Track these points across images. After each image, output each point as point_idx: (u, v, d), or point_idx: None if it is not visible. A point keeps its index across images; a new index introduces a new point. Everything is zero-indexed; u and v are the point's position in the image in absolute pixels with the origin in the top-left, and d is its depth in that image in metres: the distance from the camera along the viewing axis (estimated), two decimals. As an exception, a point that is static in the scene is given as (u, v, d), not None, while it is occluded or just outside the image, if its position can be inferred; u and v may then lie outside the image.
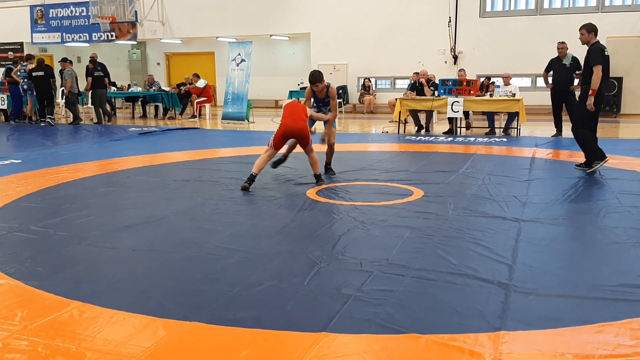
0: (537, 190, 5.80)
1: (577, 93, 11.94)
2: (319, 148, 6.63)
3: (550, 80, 10.55)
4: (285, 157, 6.99)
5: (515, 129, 11.14)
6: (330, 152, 6.93)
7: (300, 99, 11.71)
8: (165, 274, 3.55)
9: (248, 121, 14.60)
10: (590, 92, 6.68)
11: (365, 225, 4.52)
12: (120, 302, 3.07)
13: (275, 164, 6.87)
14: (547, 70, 10.60)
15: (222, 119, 14.89)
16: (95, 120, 14.70)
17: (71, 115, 14.54)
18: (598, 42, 6.92)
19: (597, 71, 6.68)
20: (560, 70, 10.31)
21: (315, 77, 6.56)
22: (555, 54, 10.44)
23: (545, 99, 12.09)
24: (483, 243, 4.04)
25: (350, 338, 2.64)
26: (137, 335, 2.70)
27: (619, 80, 14.75)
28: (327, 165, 6.95)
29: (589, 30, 6.92)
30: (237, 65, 14.96)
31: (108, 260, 3.85)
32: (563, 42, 10.36)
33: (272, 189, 6.10)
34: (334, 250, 3.90)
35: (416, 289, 3.22)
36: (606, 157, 6.74)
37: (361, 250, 3.93)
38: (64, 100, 14.95)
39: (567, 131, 10.66)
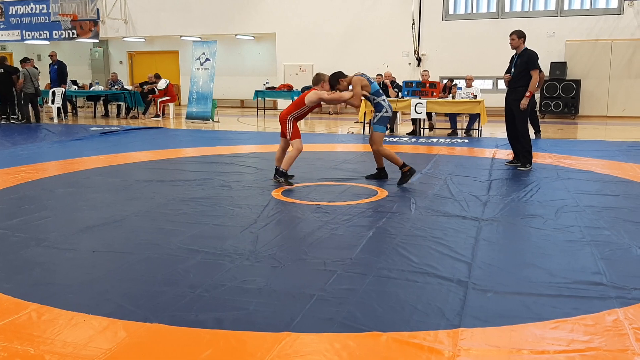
0: (497, 190, 5.92)
1: (537, 94, 12.27)
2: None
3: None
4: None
5: (477, 130, 11.35)
6: (376, 156, 6.54)
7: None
8: (125, 275, 3.51)
9: (213, 121, 14.50)
10: (528, 93, 7.17)
11: (329, 225, 4.54)
12: (79, 304, 3.02)
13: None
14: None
15: (186, 118, 14.75)
16: (55, 119, 14.40)
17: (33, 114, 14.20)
18: (527, 47, 7.30)
19: (536, 75, 7.14)
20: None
21: (313, 79, 6.53)
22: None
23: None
24: (444, 242, 4.12)
25: (312, 337, 2.66)
26: (97, 338, 2.66)
27: (577, 82, 15.17)
28: (377, 169, 6.62)
29: (519, 36, 7.29)
30: (202, 64, 14.84)
31: (67, 262, 3.78)
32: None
33: (236, 189, 6.08)
34: (298, 250, 3.91)
35: (378, 288, 3.26)
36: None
37: (325, 250, 3.95)
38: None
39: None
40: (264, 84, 17.70)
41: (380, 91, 6.34)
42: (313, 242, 4.11)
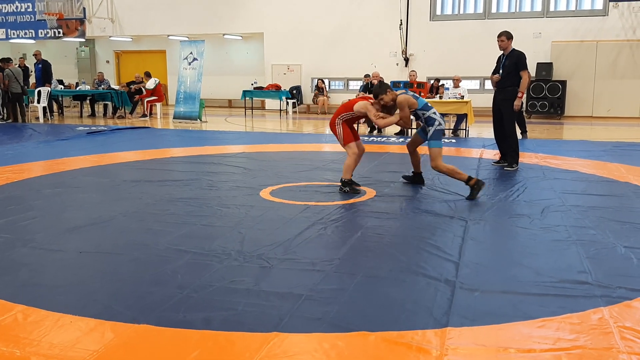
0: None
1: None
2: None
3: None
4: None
5: (464, 130, 11.41)
6: (412, 159, 6.29)
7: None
8: (113, 276, 3.49)
9: (200, 121, 14.45)
10: (520, 94, 7.21)
11: (318, 225, 4.55)
12: (66, 306, 3.00)
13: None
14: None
15: (174, 118, 14.69)
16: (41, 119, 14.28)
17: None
18: (514, 48, 7.34)
19: (525, 75, 7.22)
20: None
21: (375, 89, 5.83)
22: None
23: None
24: (432, 242, 4.14)
25: (301, 337, 2.66)
26: (84, 339, 2.65)
27: (563, 83, 15.30)
28: (413, 173, 6.33)
29: (509, 37, 7.33)
30: (189, 64, 14.79)
31: (54, 263, 3.76)
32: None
33: (224, 189, 6.06)
34: (286, 251, 3.91)
35: (367, 288, 3.27)
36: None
37: (314, 250, 3.96)
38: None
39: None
40: (252, 84, 17.67)
41: (429, 104, 5.86)
42: (301, 242, 4.11)
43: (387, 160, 8.16)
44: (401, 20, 16.80)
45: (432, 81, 14.54)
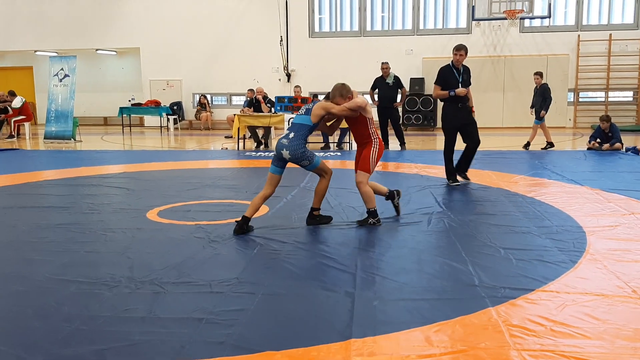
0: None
1: (400, 109, 12.94)
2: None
3: (376, 97, 11.31)
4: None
5: (348, 144, 11.74)
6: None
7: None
8: (-12, 314, 3.17)
9: (74, 140, 13.66)
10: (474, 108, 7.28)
11: (212, 245, 4.44)
12: None
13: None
14: (373, 88, 11.36)
15: (45, 138, 13.76)
16: None
17: None
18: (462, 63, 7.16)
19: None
20: (384, 88, 11.12)
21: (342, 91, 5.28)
22: (380, 73, 11.23)
23: (373, 115, 12.93)
24: (327, 254, 4.19)
25: (204, 363, 2.57)
26: (-41, 388, 2.37)
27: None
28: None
29: (467, 51, 7.11)
30: (60, 80, 13.96)
31: None
32: (386, 62, 11.20)
33: (107, 212, 5.75)
34: (180, 274, 3.77)
35: (268, 306, 3.23)
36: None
37: (210, 271, 3.85)
38: None
39: (393, 144, 11.50)
40: (130, 100, 17.01)
41: None
42: (196, 264, 3.99)
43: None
44: (281, 36, 17.01)
45: (312, 96, 14.83)
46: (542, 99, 11.04)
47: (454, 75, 7.05)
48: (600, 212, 5.43)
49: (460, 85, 6.97)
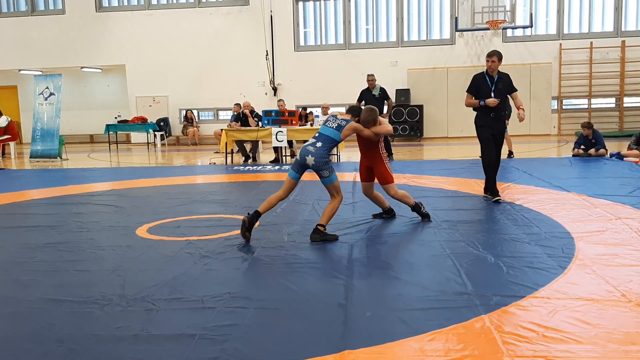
0: (361, 212, 6.17)
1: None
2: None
3: (363, 109, 11.36)
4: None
5: (336, 155, 11.78)
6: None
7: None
8: (-21, 337, 3.14)
9: (61, 158, 13.57)
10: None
11: (203, 261, 4.43)
12: None
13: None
14: (360, 100, 11.41)
15: (31, 157, 13.66)
16: None
17: None
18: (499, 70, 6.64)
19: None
20: (370, 100, 11.16)
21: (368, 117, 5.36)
22: (366, 85, 11.31)
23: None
24: (319, 266, 4.20)
25: (199, 379, 2.56)
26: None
27: (420, 107, 16.37)
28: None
29: (500, 57, 6.54)
30: (46, 99, 13.90)
31: None
32: (372, 74, 11.27)
33: (96, 230, 5.72)
34: (173, 290, 3.76)
35: (261, 320, 3.23)
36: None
37: (201, 286, 3.84)
38: None
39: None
40: (116, 117, 16.96)
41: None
42: (187, 280, 3.98)
43: (265, 189, 8.18)
44: (267, 50, 17.08)
45: (300, 109, 14.90)
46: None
47: (486, 83, 6.52)
48: (587, 218, 5.50)
49: (493, 94, 6.45)
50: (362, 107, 5.46)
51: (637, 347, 2.74)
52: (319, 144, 5.08)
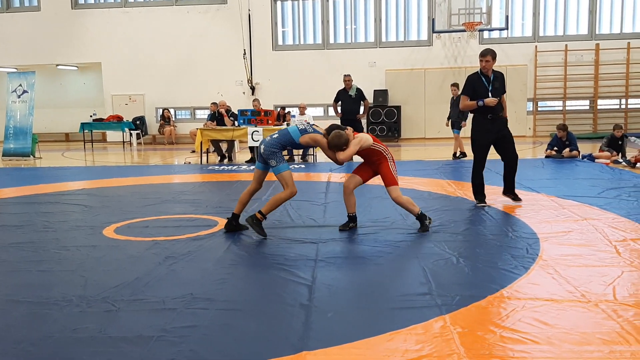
0: (332, 212, 6.17)
1: (363, 121, 13.02)
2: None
3: (339, 109, 11.38)
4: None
5: (312, 156, 11.77)
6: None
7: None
8: None
9: (34, 157, 13.37)
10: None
11: (168, 261, 4.38)
12: None
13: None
14: (336, 100, 11.42)
15: (3, 155, 13.44)
16: None
17: None
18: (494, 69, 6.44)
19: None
20: (347, 101, 11.18)
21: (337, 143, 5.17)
22: (343, 86, 11.31)
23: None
24: (285, 267, 4.18)
25: (153, 381, 2.53)
26: None
27: (398, 108, 16.43)
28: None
29: (494, 56, 6.29)
30: (19, 97, 13.68)
31: None
32: (348, 75, 11.28)
33: (62, 230, 5.63)
34: (134, 291, 3.71)
35: (221, 321, 3.20)
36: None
37: (164, 287, 3.80)
38: None
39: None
40: (91, 116, 16.77)
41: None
42: (150, 281, 3.93)
43: (239, 189, 8.12)
44: (244, 50, 17.01)
45: (278, 109, 14.85)
46: (459, 109, 11.16)
47: (482, 83, 6.29)
48: (554, 219, 5.55)
49: (490, 94, 6.25)
50: (344, 131, 5.24)
51: (592, 347, 2.77)
52: (275, 136, 5.18)
